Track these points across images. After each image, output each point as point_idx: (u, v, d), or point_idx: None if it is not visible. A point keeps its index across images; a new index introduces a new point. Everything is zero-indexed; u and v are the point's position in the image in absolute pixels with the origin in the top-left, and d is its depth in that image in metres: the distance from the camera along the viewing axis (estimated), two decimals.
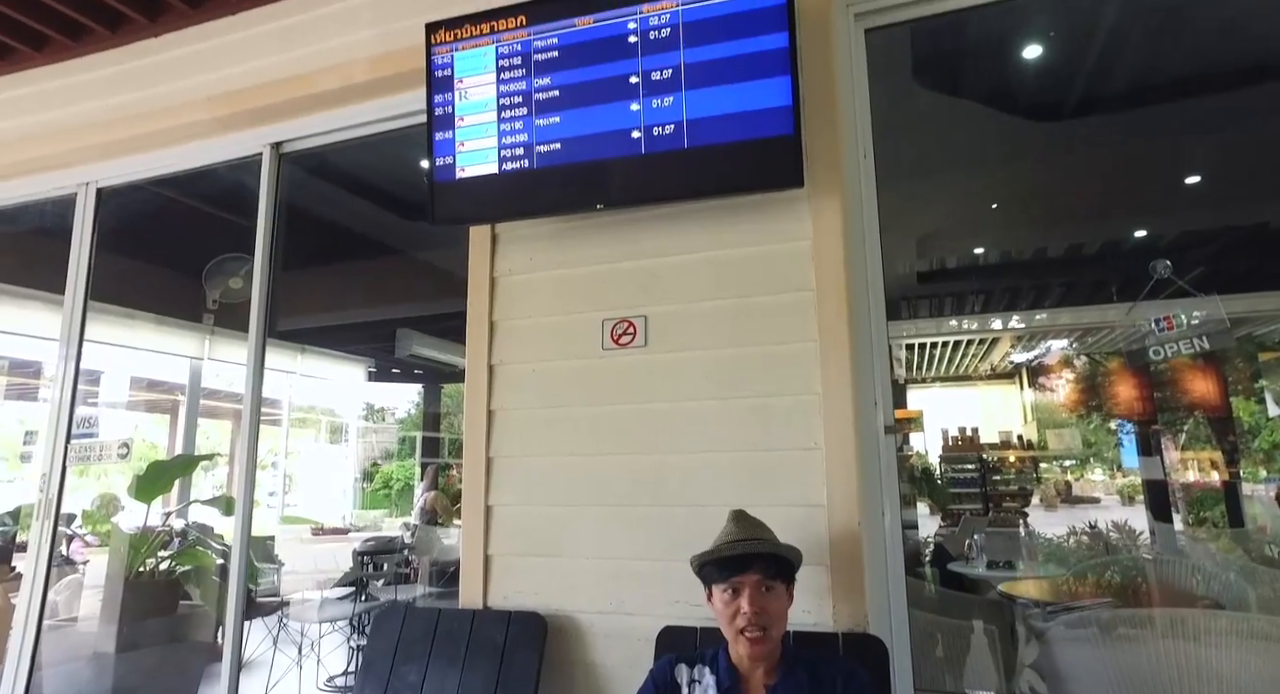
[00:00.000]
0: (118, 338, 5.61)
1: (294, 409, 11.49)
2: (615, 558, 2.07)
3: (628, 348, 2.15)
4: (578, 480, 2.14)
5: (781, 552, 1.56)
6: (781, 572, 1.55)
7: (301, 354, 7.08)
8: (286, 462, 11.61)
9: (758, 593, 1.50)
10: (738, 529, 1.61)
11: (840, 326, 1.95)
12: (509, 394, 2.27)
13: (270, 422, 11.63)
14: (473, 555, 2.21)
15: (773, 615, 1.51)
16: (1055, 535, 5.46)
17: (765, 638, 1.50)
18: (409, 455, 13.34)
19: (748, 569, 1.52)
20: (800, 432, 1.95)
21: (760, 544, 1.56)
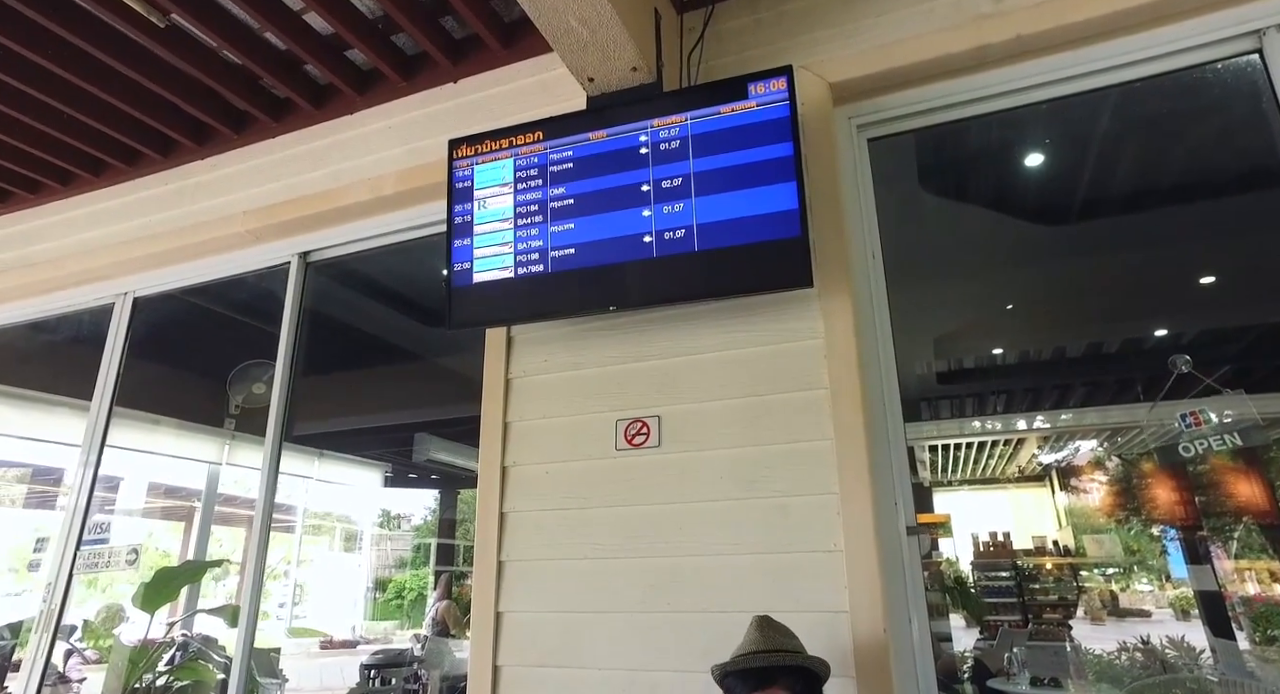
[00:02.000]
0: (140, 443, 5.67)
1: (308, 515, 11.36)
2: (629, 668, 1.96)
3: (641, 448, 2.13)
4: (591, 585, 2.07)
5: (809, 664, 1.48)
6: (809, 687, 1.46)
7: (319, 459, 7.09)
8: (298, 570, 11.35)
9: None
10: (762, 638, 1.53)
11: (856, 424, 1.93)
12: (522, 496, 2.24)
13: (284, 528, 11.44)
14: (480, 666, 2.10)
15: None
16: (1104, 651, 5.11)
17: None
18: (423, 563, 12.99)
19: (773, 683, 1.44)
20: (819, 533, 1.88)
21: (786, 656, 1.47)
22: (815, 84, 2.25)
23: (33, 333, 4.12)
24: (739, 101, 2.02)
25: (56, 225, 3.57)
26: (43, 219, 3.64)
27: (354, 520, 13.39)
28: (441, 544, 9.20)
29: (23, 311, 3.69)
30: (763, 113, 2.00)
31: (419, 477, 8.85)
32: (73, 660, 4.51)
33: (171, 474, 7.98)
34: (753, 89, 2.01)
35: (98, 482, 3.22)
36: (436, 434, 7.04)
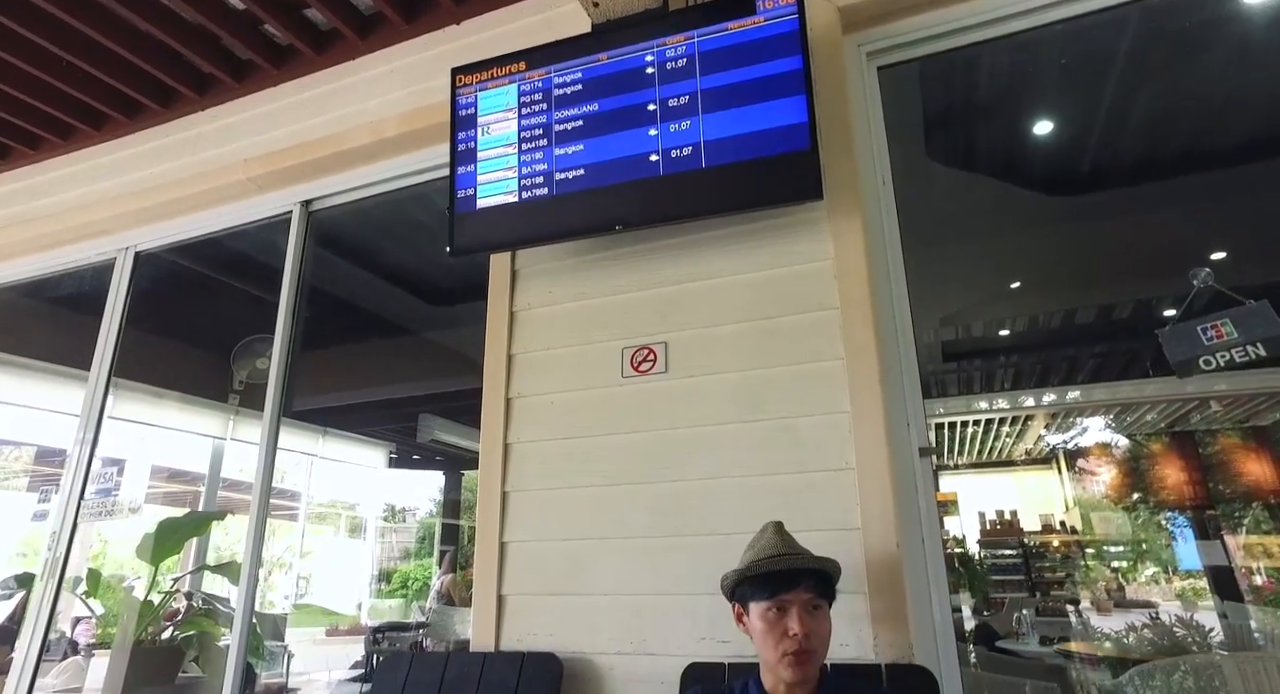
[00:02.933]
0: (143, 416, 5.65)
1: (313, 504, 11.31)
2: (636, 594, 1.93)
3: (648, 375, 2.10)
4: (597, 513, 2.04)
5: (829, 568, 1.43)
6: (827, 591, 1.42)
7: (323, 437, 7.06)
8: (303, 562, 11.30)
9: (806, 612, 1.37)
10: (780, 541, 1.48)
11: (868, 342, 1.89)
12: (526, 427, 2.20)
13: (287, 516, 11.42)
14: (485, 596, 2.07)
15: (822, 637, 1.37)
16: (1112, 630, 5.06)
17: (811, 660, 1.35)
18: (428, 554, 12.97)
19: (796, 586, 1.38)
20: (831, 452, 1.85)
21: (807, 559, 1.43)
22: (824, 9, 2.20)
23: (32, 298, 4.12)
24: (746, 17, 1.99)
25: (57, 181, 3.55)
26: (43, 175, 3.62)
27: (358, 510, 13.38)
28: (446, 524, 9.18)
29: (23, 269, 3.67)
30: (770, 28, 1.96)
31: (423, 458, 8.83)
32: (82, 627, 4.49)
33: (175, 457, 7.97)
34: (760, 3, 1.97)
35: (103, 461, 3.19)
36: (438, 410, 7.01)
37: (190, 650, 3.05)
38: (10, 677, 2.86)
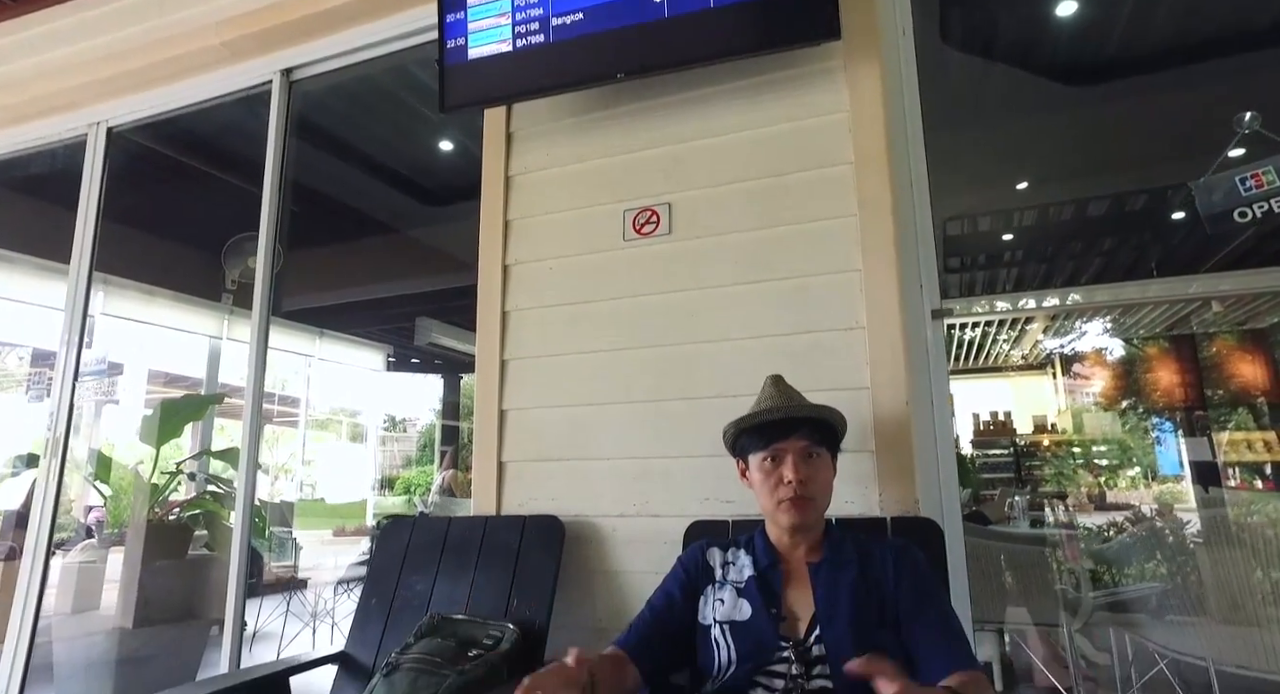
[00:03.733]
0: (136, 313, 5.57)
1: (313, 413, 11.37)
2: (639, 457, 1.91)
3: (650, 237, 2.01)
4: (599, 378, 2.00)
5: (827, 415, 1.39)
6: (826, 438, 1.38)
7: (320, 338, 7.02)
8: (306, 468, 11.49)
9: (802, 460, 1.33)
10: (778, 393, 1.44)
11: (882, 197, 1.80)
12: (524, 293, 2.13)
13: (288, 423, 11.54)
14: (485, 463, 2.06)
15: (819, 483, 1.34)
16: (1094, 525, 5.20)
17: (809, 506, 1.32)
18: (429, 461, 13.22)
19: (791, 434, 1.34)
20: (840, 311, 1.79)
21: (803, 407, 1.39)
22: None
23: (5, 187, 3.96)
24: None
25: (12, 47, 3.31)
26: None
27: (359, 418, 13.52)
28: (446, 426, 9.30)
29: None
30: None
31: (422, 361, 8.84)
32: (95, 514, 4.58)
33: (172, 361, 7.94)
34: None
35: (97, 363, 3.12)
36: (434, 312, 6.94)
37: (198, 528, 3.10)
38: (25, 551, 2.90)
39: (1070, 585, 3.00)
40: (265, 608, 4.52)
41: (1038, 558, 3.07)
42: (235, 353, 6.16)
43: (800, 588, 1.31)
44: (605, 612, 1.86)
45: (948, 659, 1.14)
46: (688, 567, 1.42)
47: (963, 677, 1.11)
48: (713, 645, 1.29)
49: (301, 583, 5.08)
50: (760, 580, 1.33)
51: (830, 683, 1.18)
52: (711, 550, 1.43)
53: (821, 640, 1.22)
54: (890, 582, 1.27)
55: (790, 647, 1.23)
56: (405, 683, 1.55)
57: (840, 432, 1.42)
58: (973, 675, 1.12)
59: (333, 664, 1.88)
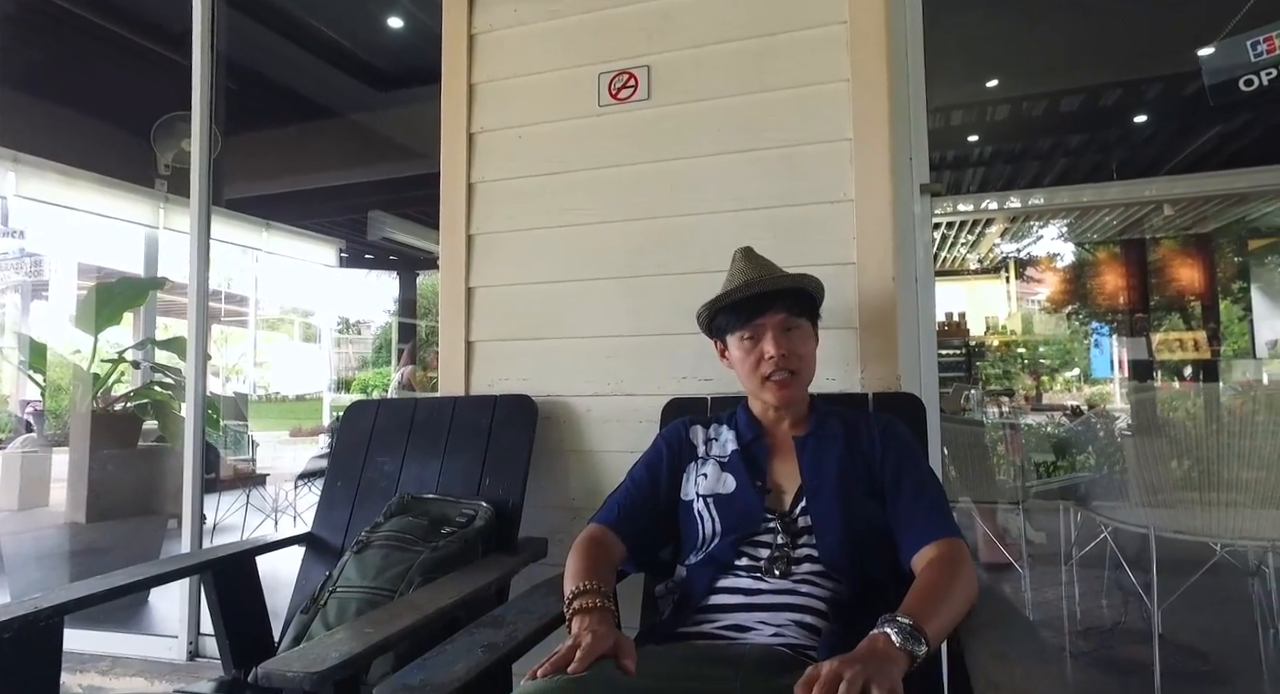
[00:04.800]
0: (55, 197, 5.13)
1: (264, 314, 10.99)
2: (614, 335, 1.85)
3: (628, 102, 1.87)
4: (572, 253, 1.90)
5: (803, 284, 1.32)
6: (805, 308, 1.32)
7: (267, 230, 6.63)
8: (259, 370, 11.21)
9: (782, 333, 1.27)
10: (750, 266, 1.35)
11: (877, 62, 1.68)
12: (492, 164, 1.99)
13: (237, 321, 11.15)
14: (452, 343, 1.98)
15: (801, 356, 1.29)
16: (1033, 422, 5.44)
17: (794, 381, 1.28)
18: (386, 362, 13.04)
19: (768, 310, 1.28)
20: (828, 183, 1.70)
21: (779, 279, 1.31)
22: None
23: None
24: None
25: None
26: None
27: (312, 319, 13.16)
28: (403, 324, 9.10)
29: None
30: None
31: (376, 257, 8.52)
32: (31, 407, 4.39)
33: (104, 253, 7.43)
34: None
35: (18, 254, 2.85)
36: (388, 204, 6.62)
37: (147, 418, 2.98)
38: None
39: (1011, 476, 3.16)
40: (224, 503, 4.47)
41: (989, 446, 3.21)
42: (175, 245, 5.77)
43: (785, 461, 1.29)
44: (579, 491, 1.85)
45: (928, 529, 1.14)
46: (670, 443, 1.39)
47: (938, 547, 1.11)
48: (696, 519, 1.27)
49: (260, 478, 5.03)
50: (744, 454, 1.30)
51: (816, 552, 1.17)
52: (694, 427, 1.40)
53: (808, 511, 1.21)
54: (876, 454, 1.25)
55: (776, 518, 1.22)
56: (377, 559, 1.52)
57: (819, 299, 1.36)
58: (951, 543, 1.12)
59: (299, 545, 1.85)
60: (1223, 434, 2.10)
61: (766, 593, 1.15)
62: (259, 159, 5.69)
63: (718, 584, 1.18)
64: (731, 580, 1.18)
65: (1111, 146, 6.39)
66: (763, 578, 1.16)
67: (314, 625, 1.46)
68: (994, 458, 3.31)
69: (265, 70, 4.70)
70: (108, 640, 2.42)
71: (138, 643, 2.43)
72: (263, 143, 5.59)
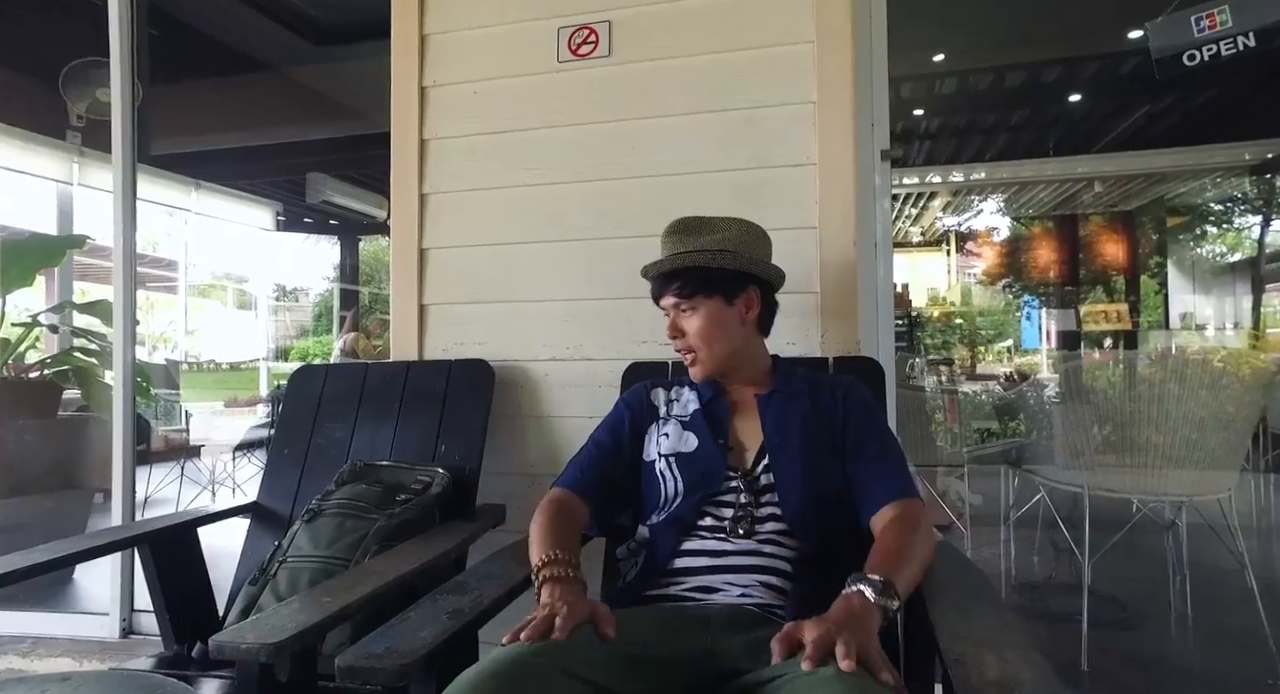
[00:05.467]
0: None
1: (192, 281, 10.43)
2: (573, 299, 1.82)
3: (588, 58, 1.81)
4: (530, 215, 1.85)
5: (696, 262, 1.25)
6: (704, 285, 1.25)
7: (196, 190, 6.28)
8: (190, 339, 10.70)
9: (677, 316, 1.28)
10: (666, 244, 1.32)
11: (842, 23, 1.67)
12: (446, 120, 1.91)
13: (164, 287, 10.60)
14: (405, 307, 1.91)
15: (693, 336, 1.26)
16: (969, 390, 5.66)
17: (696, 359, 1.27)
18: (326, 331, 12.63)
19: (664, 293, 1.29)
20: (792, 146, 1.69)
21: (665, 262, 1.28)
22: None
23: None
24: None
25: None
26: None
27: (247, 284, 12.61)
28: (346, 290, 8.81)
29: None
30: None
31: (316, 221, 8.18)
32: None
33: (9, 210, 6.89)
34: None
35: None
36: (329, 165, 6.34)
37: (68, 385, 2.80)
38: None
39: (949, 442, 3.28)
40: (156, 476, 4.29)
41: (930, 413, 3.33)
42: (92, 202, 5.38)
43: (747, 419, 1.29)
44: (538, 457, 1.83)
45: (888, 489, 1.16)
46: (631, 405, 1.37)
47: (897, 507, 1.13)
48: (658, 478, 1.26)
49: (195, 450, 4.83)
50: (706, 412, 1.30)
51: (779, 510, 1.18)
52: (655, 390, 1.39)
53: (770, 469, 1.21)
54: (839, 415, 1.26)
55: (738, 476, 1.22)
56: (330, 528, 1.47)
57: (737, 261, 1.26)
58: (911, 504, 1.14)
59: (244, 516, 1.77)
60: (1139, 401, 2.22)
61: (732, 554, 1.15)
62: (185, 113, 5.34)
63: (683, 547, 1.18)
64: (696, 542, 1.18)
65: (1050, 124, 6.56)
66: (727, 538, 1.16)
67: (264, 597, 1.41)
68: (933, 425, 3.43)
69: (191, 18, 4.40)
70: (28, 621, 2.31)
71: (63, 622, 2.32)
72: (189, 96, 5.24)
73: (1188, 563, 2.56)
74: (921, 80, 5.22)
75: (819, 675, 0.79)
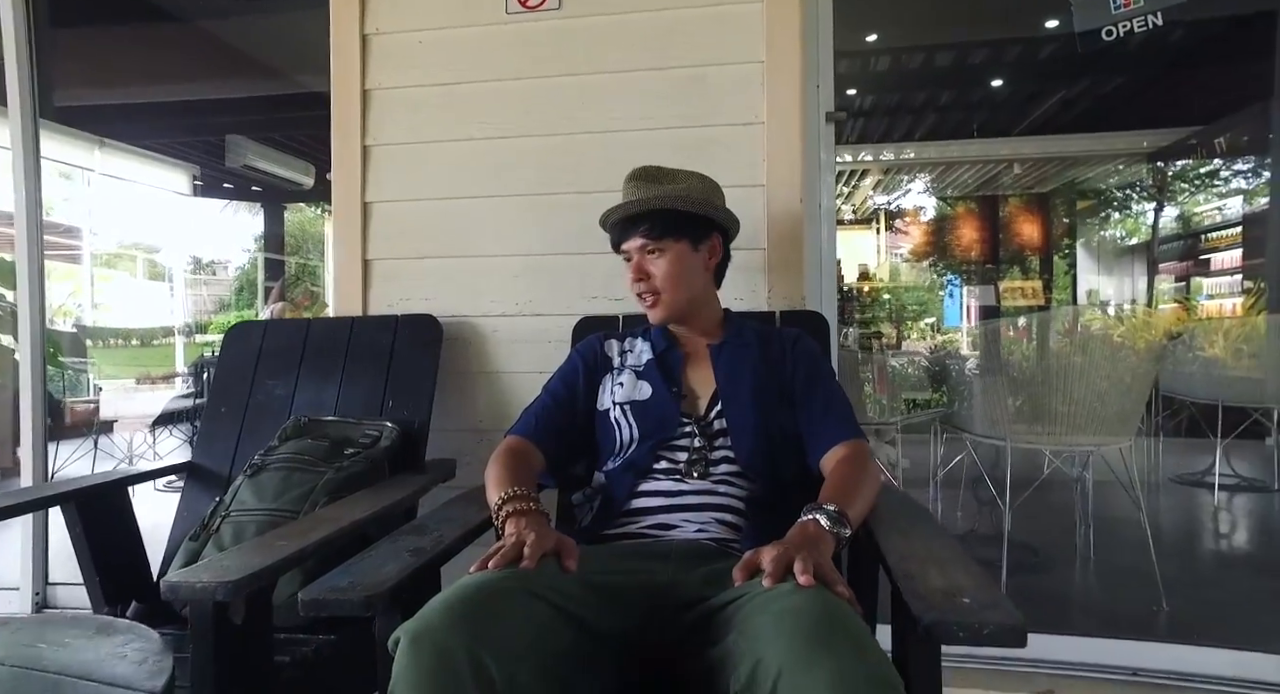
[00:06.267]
0: None
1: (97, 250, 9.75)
2: (522, 254, 1.81)
3: (538, 10, 1.79)
4: (478, 169, 1.82)
5: (670, 204, 1.27)
6: (676, 226, 1.28)
7: (101, 148, 5.87)
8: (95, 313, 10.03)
9: (643, 258, 1.29)
10: (629, 190, 1.33)
11: None
12: (390, 70, 1.86)
13: (64, 256, 9.90)
14: (348, 262, 1.87)
15: (660, 278, 1.28)
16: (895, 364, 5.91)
17: (659, 302, 1.29)
18: (248, 305, 12.07)
19: (630, 235, 1.29)
20: (740, 105, 1.72)
21: (636, 203, 1.29)
22: None
23: None
24: None
25: None
26: None
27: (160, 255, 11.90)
28: (270, 260, 8.43)
29: None
30: None
31: (237, 187, 7.77)
32: None
33: None
34: None
35: None
36: (250, 126, 6.03)
37: None
38: None
39: (878, 412, 3.44)
40: (64, 453, 4.05)
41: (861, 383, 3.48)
42: None
43: (700, 369, 1.32)
44: (487, 413, 1.82)
45: (837, 431, 1.21)
46: (585, 357, 1.38)
47: (845, 447, 1.19)
48: (613, 426, 1.28)
49: (106, 425, 4.57)
50: (659, 362, 1.32)
51: (732, 452, 1.22)
52: (609, 341, 1.40)
53: (723, 415, 1.25)
54: (788, 364, 1.30)
55: (692, 422, 1.25)
56: (276, 481, 1.44)
57: (702, 206, 1.30)
58: (859, 444, 1.20)
59: (178, 475, 1.71)
60: (1048, 374, 2.38)
61: (687, 494, 1.18)
62: (84, 63, 4.95)
63: (639, 488, 1.21)
64: (652, 484, 1.21)
65: (975, 106, 6.81)
66: (682, 480, 1.20)
67: (206, 551, 1.37)
68: (864, 395, 3.58)
69: None
70: None
71: None
72: (90, 44, 4.86)
73: (1092, 514, 2.79)
74: (856, 57, 5.34)
75: (778, 590, 0.83)
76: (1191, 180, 8.17)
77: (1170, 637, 1.95)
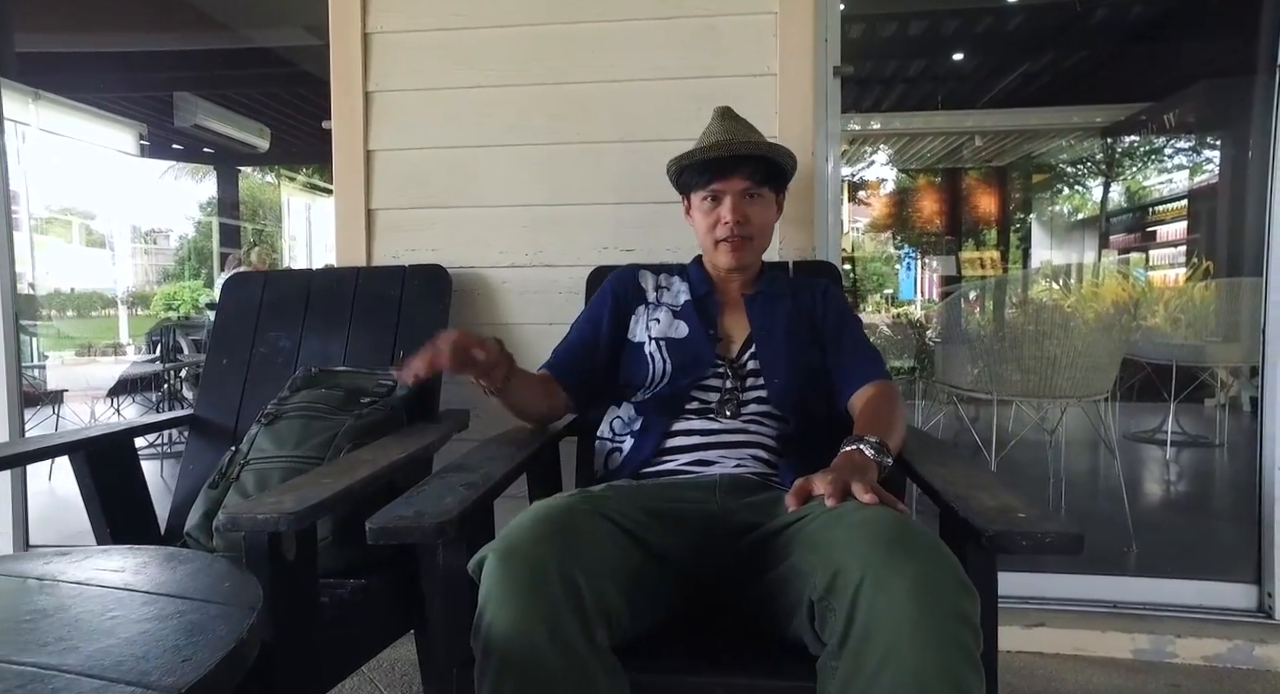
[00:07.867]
0: None
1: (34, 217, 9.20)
2: (532, 204, 1.79)
3: None
4: (486, 117, 1.79)
5: (773, 154, 1.32)
6: (771, 177, 1.32)
7: (34, 101, 5.48)
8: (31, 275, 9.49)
9: (741, 199, 1.29)
10: (723, 128, 1.35)
11: None
12: (393, 13, 1.80)
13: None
14: (351, 211, 1.82)
15: (757, 225, 1.31)
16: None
17: (746, 246, 1.31)
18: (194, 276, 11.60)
19: (733, 173, 1.28)
20: (752, 55, 1.72)
21: (749, 145, 1.31)
22: None
23: None
24: None
25: None
26: None
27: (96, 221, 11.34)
28: (225, 224, 8.10)
29: None
30: None
31: (187, 148, 7.42)
32: None
33: None
34: None
35: None
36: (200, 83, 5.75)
37: None
38: None
39: None
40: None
41: None
42: None
43: (735, 315, 1.34)
44: None
45: (868, 371, 1.26)
46: (617, 291, 1.39)
47: (876, 386, 1.23)
48: (647, 359, 1.29)
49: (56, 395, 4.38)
50: (697, 304, 1.34)
51: (764, 392, 1.25)
52: (643, 273, 1.42)
53: (756, 357, 1.28)
54: (819, 311, 1.34)
55: (725, 364, 1.27)
56: (295, 429, 1.41)
57: (789, 170, 1.37)
58: (884, 384, 1.24)
59: (180, 428, 1.67)
60: (1004, 343, 2.49)
61: (721, 432, 1.21)
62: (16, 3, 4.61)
63: (673, 428, 1.23)
64: (685, 423, 1.23)
65: (941, 78, 6.90)
66: (715, 419, 1.22)
67: (229, 498, 1.34)
68: None
69: None
70: None
71: None
72: None
73: (1064, 469, 2.93)
74: None
75: (845, 507, 0.87)
76: (1139, 156, 8.45)
77: (1142, 572, 2.08)
